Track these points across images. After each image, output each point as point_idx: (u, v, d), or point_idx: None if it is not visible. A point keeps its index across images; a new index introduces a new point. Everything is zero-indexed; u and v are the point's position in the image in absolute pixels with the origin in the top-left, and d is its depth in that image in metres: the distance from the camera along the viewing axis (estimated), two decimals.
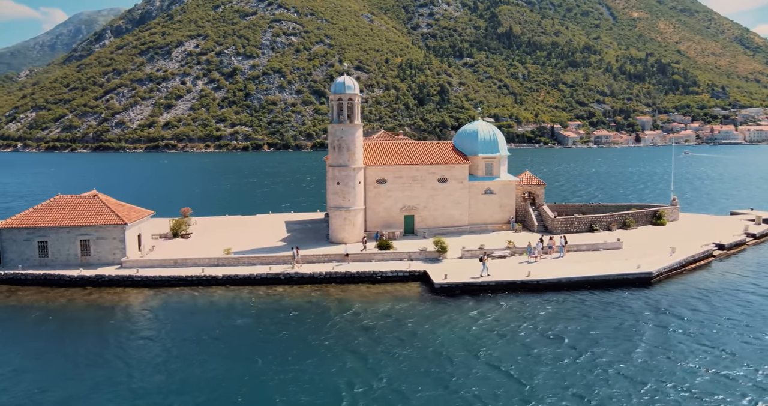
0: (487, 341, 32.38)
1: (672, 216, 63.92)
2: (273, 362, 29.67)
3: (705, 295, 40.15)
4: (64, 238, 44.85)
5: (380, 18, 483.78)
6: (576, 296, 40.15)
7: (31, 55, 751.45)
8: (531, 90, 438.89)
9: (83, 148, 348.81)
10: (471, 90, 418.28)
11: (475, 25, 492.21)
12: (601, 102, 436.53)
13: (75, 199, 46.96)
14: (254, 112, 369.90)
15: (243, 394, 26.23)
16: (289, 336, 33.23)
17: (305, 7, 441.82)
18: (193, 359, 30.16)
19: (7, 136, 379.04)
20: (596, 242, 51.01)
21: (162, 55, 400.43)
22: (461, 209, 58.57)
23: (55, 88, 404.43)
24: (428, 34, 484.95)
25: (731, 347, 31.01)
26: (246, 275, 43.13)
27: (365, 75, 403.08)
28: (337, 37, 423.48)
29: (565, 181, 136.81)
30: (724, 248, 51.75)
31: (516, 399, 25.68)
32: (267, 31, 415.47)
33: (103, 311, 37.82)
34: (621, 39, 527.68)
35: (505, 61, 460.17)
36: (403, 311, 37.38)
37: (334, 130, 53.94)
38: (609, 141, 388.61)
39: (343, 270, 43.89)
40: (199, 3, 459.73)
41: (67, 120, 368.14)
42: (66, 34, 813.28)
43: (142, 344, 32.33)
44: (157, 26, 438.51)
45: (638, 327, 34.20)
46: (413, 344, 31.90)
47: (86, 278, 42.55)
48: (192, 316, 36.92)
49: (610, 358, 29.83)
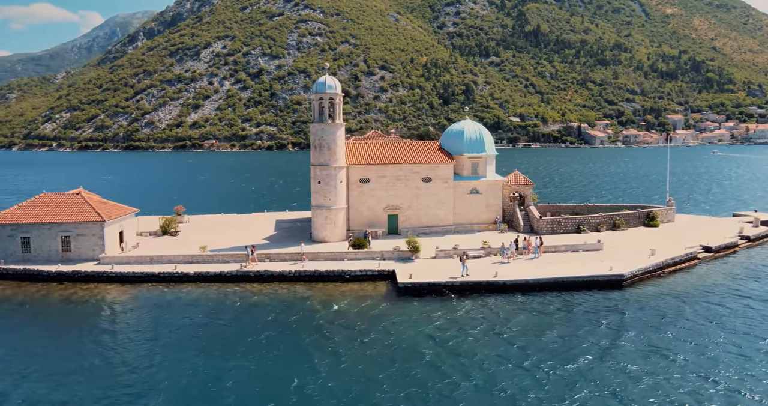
0: (438, 341, 32.18)
1: (667, 217, 62.33)
2: (217, 357, 30.10)
3: (676, 299, 39.09)
4: (45, 234, 46.30)
5: (406, 17, 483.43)
6: (541, 298, 39.58)
7: (69, 57, 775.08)
8: (558, 89, 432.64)
9: (114, 148, 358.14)
10: (497, 89, 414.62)
11: (501, 24, 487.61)
12: (630, 101, 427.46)
13: (58, 197, 48.42)
14: (279, 111, 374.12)
15: (177, 385, 26.69)
16: (241, 332, 33.64)
17: (331, 7, 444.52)
18: (141, 351, 30.83)
19: (43, 135, 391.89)
20: (575, 243, 50.12)
21: (191, 56, 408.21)
22: (446, 208, 58.25)
23: (89, 89, 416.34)
24: (454, 33, 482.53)
25: (683, 353, 30.13)
26: (217, 273, 43.80)
27: (390, 74, 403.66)
28: (363, 36, 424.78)
29: (576, 182, 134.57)
30: (711, 251, 50.23)
31: (445, 400, 25.48)
32: (293, 32, 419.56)
33: (71, 305, 38.95)
34: (653, 36, 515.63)
35: (532, 59, 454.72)
36: (362, 310, 37.45)
37: (315, 129, 54.28)
38: (638, 141, 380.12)
39: (313, 269, 44.16)
40: (227, 4, 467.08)
41: (99, 120, 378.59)
42: (102, 36, 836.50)
43: (97, 336, 33.15)
44: (186, 28, 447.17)
45: (595, 330, 33.54)
46: (362, 343, 31.94)
47: (63, 274, 43.84)
48: (155, 311, 37.66)
49: (555, 361, 29.33)
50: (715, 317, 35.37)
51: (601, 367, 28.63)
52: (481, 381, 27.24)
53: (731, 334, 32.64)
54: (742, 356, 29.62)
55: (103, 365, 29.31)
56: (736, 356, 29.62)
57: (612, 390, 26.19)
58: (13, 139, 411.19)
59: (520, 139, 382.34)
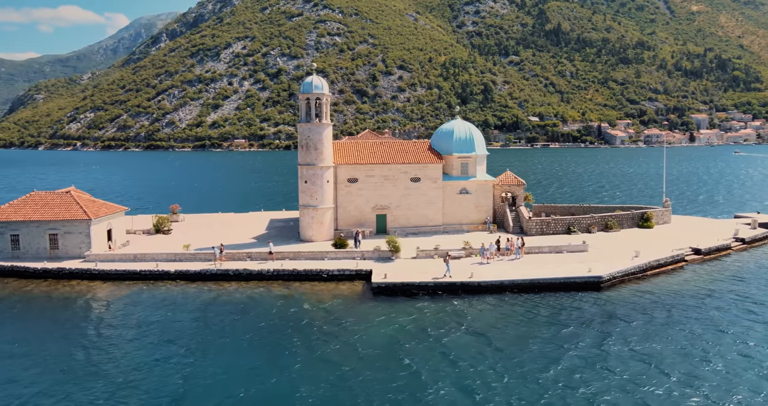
0: (402, 341, 32.05)
1: (662, 218, 61.18)
2: (177, 354, 30.48)
3: (653, 301, 38.38)
4: (34, 232, 47.39)
5: (425, 17, 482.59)
6: (515, 299, 39.20)
7: (95, 59, 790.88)
8: (579, 88, 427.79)
9: (136, 147, 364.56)
10: (516, 89, 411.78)
11: (522, 23, 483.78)
12: (653, 100, 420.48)
13: (48, 196, 49.52)
14: (297, 111, 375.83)
15: (129, 381, 27.13)
16: (208, 330, 34.00)
17: (350, 7, 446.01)
18: (108, 347, 31.39)
19: (68, 135, 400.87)
20: (560, 244, 49.49)
21: (211, 57, 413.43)
22: (435, 208, 58.04)
23: (112, 89, 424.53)
24: (473, 33, 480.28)
25: (650, 356, 29.52)
26: (197, 271, 44.33)
27: (408, 74, 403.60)
28: (381, 36, 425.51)
29: (587, 182, 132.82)
30: (700, 253, 49.17)
31: (399, 399, 25.43)
32: (312, 32, 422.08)
33: (50, 302, 39.77)
34: (678, 34, 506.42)
35: (553, 58, 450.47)
36: (333, 310, 37.54)
37: (302, 129, 54.56)
38: (660, 140, 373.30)
39: (291, 268, 44.43)
40: (247, 5, 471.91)
41: (122, 120, 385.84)
42: (127, 38, 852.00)
43: (68, 332, 33.81)
44: (207, 29, 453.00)
45: (563, 331, 33.07)
46: (325, 342, 32.01)
47: (48, 271, 44.84)
48: (129, 308, 38.26)
49: (517, 362, 28.99)
50: (689, 321, 34.64)
51: (560, 369, 28.25)
52: (439, 381, 27.08)
53: (701, 338, 31.93)
54: (705, 360, 28.96)
55: (69, 361, 29.89)
56: (701, 361, 28.97)
57: (566, 392, 25.83)
58: (40, 138, 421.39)
59: (538, 139, 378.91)
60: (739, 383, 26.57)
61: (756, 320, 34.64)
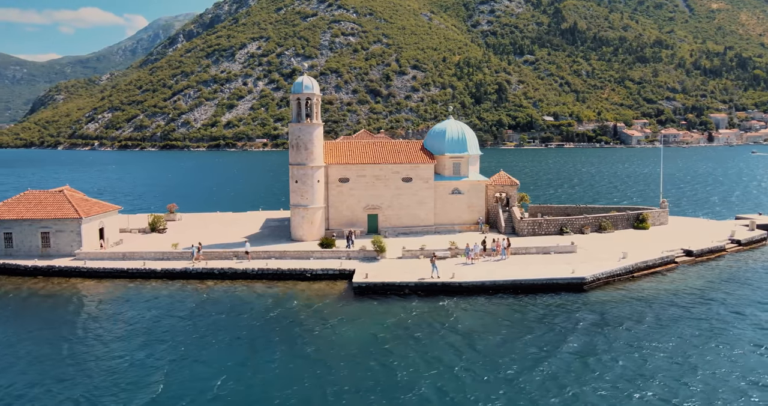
0: (378, 341, 32.08)
1: (659, 220, 60.31)
2: (155, 351, 30.80)
3: (636, 303, 37.88)
4: (26, 230, 48.24)
5: (439, 16, 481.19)
6: (497, 300, 38.97)
7: (115, 60, 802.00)
8: (595, 87, 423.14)
9: (152, 147, 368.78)
10: (530, 88, 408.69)
11: (537, 22, 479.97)
12: (671, 99, 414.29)
13: (42, 194, 50.36)
14: None
15: (105, 376, 27.51)
16: (182, 328, 34.31)
17: (364, 7, 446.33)
18: (84, 343, 31.86)
19: (86, 135, 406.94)
20: (547, 245, 49.05)
21: (226, 58, 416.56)
22: (426, 208, 57.89)
23: (130, 90, 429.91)
24: (488, 32, 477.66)
25: (626, 360, 29.11)
26: (182, 269, 44.76)
27: (422, 74, 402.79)
28: (395, 36, 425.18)
29: (595, 183, 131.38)
30: (692, 255, 48.38)
31: (371, 400, 25.46)
32: (326, 32, 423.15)
33: (37, 298, 40.45)
34: (697, 32, 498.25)
35: (568, 57, 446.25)
36: (312, 309, 37.65)
37: (292, 129, 54.80)
38: (677, 140, 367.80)
39: (275, 267, 44.64)
40: (263, 6, 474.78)
41: (139, 120, 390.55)
42: (146, 39, 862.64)
43: (48, 327, 34.37)
44: (223, 29, 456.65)
45: (539, 333, 32.75)
46: (301, 341, 32.10)
47: (39, 268, 45.61)
48: (114, 305, 38.79)
49: (486, 364, 28.77)
50: (670, 323, 34.11)
51: (531, 371, 27.98)
52: (413, 382, 26.94)
53: (681, 341, 31.36)
54: (680, 364, 28.50)
55: (47, 356, 30.39)
56: (676, 364, 28.50)
57: (539, 395, 25.59)
58: (59, 138, 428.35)
59: (553, 139, 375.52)
60: (717, 387, 26.10)
61: (739, 323, 34.02)
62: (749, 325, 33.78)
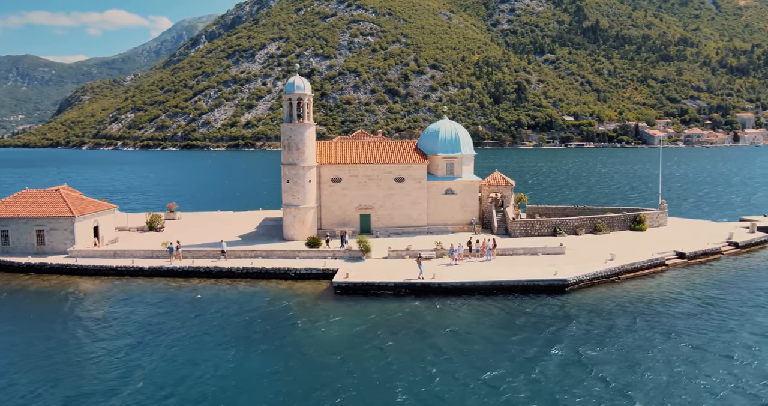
0: (353, 340, 32.15)
1: (657, 221, 59.25)
2: (127, 347, 31.34)
3: (616, 306, 37.30)
4: (22, 228, 49.40)
5: (459, 15, 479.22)
6: (475, 301, 38.70)
7: (139, 61, 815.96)
8: (616, 86, 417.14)
9: (173, 147, 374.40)
10: (550, 87, 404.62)
11: (558, 20, 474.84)
12: (695, 98, 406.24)
13: (38, 193, 51.51)
14: (329, 111, 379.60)
15: (74, 370, 28.10)
16: (160, 325, 34.79)
17: (383, 7, 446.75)
18: (59, 337, 32.56)
19: (110, 135, 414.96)
20: (535, 246, 48.53)
21: (246, 58, 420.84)
22: (419, 209, 57.75)
23: (152, 90, 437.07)
24: (508, 31, 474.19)
25: (600, 364, 28.59)
26: (169, 268, 45.38)
27: (440, 73, 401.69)
28: (414, 36, 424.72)
29: (605, 184, 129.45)
30: (684, 257, 47.42)
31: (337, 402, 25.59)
32: (345, 32, 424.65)
33: (26, 294, 41.41)
34: (724, 30, 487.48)
35: (590, 56, 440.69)
36: (290, 308, 37.84)
37: (284, 129, 55.12)
38: (701, 140, 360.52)
39: (260, 266, 45.00)
40: (282, 7, 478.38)
41: (160, 120, 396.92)
42: (170, 40, 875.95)
43: (30, 322, 35.19)
44: (243, 30, 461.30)
45: (513, 336, 32.38)
46: (274, 340, 32.30)
47: (32, 265, 46.68)
48: (99, 302, 39.51)
49: (455, 365, 28.59)
50: (649, 327, 33.46)
51: (500, 372, 27.72)
52: (382, 382, 26.90)
53: (656, 346, 30.78)
54: (651, 369, 28.00)
55: (22, 350, 31.13)
56: (647, 370, 28.00)
57: (497, 396, 25.42)
58: (84, 138, 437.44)
59: (573, 139, 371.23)
60: (680, 394, 25.60)
61: (719, 329, 33.21)
62: (726, 332, 33.02)
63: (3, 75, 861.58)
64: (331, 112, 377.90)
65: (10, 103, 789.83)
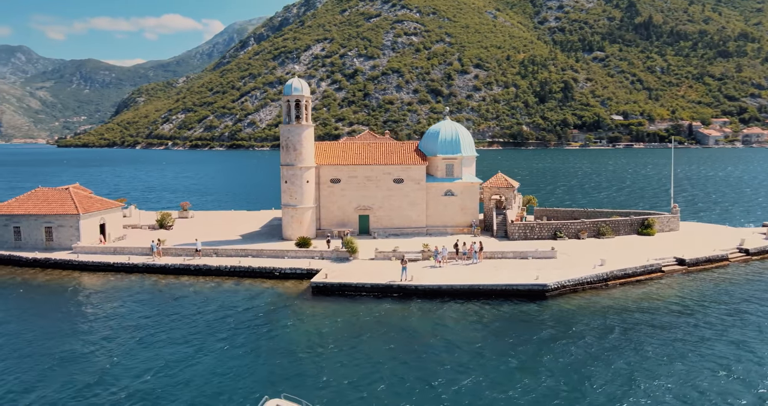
0: (320, 340, 32.33)
1: (668, 226, 56.78)
2: (103, 341, 32.59)
3: (595, 315, 35.94)
4: (32, 225, 52.01)
5: (505, 13, 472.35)
6: (448, 305, 38.14)
7: (192, 63, 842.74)
8: (670, 84, 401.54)
9: (219, 146, 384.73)
10: (599, 86, 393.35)
11: (609, 16, 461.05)
12: (756, 96, 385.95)
13: (49, 192, 54.10)
14: (372, 111, 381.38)
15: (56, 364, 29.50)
16: (137, 320, 35.95)
17: (428, 6, 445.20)
18: (34, 329, 34.20)
19: (161, 135, 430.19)
20: (526, 249, 47.35)
21: (292, 59, 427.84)
22: (418, 210, 57.40)
23: (201, 92, 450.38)
24: (556, 28, 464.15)
25: (559, 376, 27.75)
26: (162, 265, 46.81)
27: (484, 73, 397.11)
28: (458, 35, 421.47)
29: (645, 185, 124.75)
30: (684, 264, 45.28)
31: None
32: (389, 32, 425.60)
33: (22, 287, 43.58)
34: None
35: (641, 53, 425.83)
36: (265, 307, 38.36)
37: (282, 130, 55.93)
38: (761, 140, 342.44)
39: (247, 264, 45.79)
40: (328, 8, 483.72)
41: (209, 121, 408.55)
42: (221, 42, 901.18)
43: (18, 313, 37.09)
44: (289, 32, 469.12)
45: (478, 341, 31.67)
46: (243, 337, 32.87)
47: (38, 260, 49.09)
48: (89, 296, 41.20)
49: (413, 369, 28.32)
50: (624, 340, 31.65)
51: (463, 376, 27.32)
52: (339, 382, 27.02)
53: (628, 361, 29.05)
54: (597, 383, 26.99)
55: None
56: (601, 384, 27.00)
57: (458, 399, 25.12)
58: (137, 138, 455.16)
59: (621, 139, 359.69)
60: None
61: (685, 342, 31.29)
62: (691, 344, 31.32)
63: (68, 78, 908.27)
64: (374, 112, 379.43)
65: (73, 105, 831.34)
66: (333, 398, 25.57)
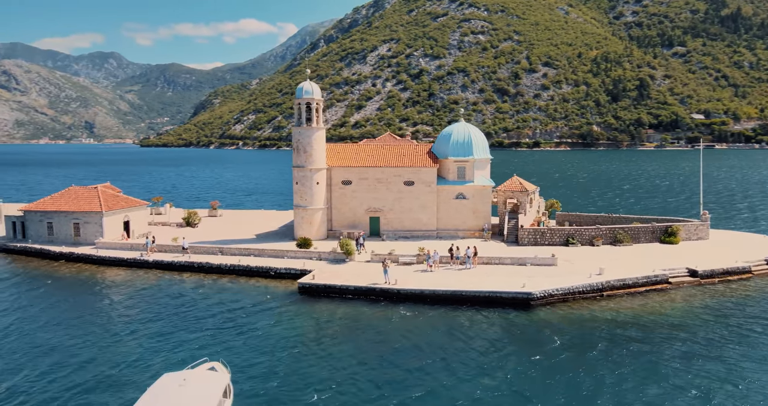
0: (298, 339, 32.87)
1: (696, 234, 53.05)
2: (88, 334, 34.64)
3: (577, 327, 34.10)
4: (62, 221, 55.79)
5: (578, 9, 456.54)
6: (428, 310, 37.48)
7: (267, 65, 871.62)
8: (759, 81, 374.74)
9: (286, 146, 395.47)
10: (678, 83, 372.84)
11: (692, 9, 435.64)
12: None
13: (80, 190, 57.83)
14: (436, 111, 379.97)
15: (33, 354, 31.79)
16: (120, 313, 37.87)
17: (496, 4, 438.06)
18: (30, 318, 36.74)
19: (233, 135, 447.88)
20: (525, 256, 45.66)
21: (358, 60, 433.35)
22: (428, 213, 56.75)
23: (271, 93, 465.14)
24: (632, 23, 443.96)
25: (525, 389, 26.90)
26: (169, 261, 48.93)
27: (553, 71, 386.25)
28: (527, 32, 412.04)
29: (716, 192, 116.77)
30: (696, 275, 42.18)
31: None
32: (455, 32, 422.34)
33: (40, 278, 46.86)
34: None
35: (728, 47, 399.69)
36: (250, 305, 39.17)
37: (294, 132, 56.85)
38: None
39: (245, 264, 47.01)
40: (395, 8, 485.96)
41: (277, 121, 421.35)
42: (294, 45, 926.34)
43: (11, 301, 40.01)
44: (357, 33, 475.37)
45: (449, 350, 30.80)
46: (226, 334, 33.92)
47: (63, 254, 52.64)
48: (93, 288, 43.77)
49: (382, 374, 28.18)
50: (602, 360, 29.39)
51: (423, 383, 26.92)
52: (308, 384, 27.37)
53: (602, 383, 27.00)
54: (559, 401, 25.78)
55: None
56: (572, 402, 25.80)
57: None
58: (211, 138, 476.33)
59: (701, 139, 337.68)
60: None
61: (669, 364, 28.90)
62: (696, 368, 28.95)
63: (153, 82, 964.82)
64: (438, 112, 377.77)
65: (158, 106, 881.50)
66: (279, 396, 25.85)
